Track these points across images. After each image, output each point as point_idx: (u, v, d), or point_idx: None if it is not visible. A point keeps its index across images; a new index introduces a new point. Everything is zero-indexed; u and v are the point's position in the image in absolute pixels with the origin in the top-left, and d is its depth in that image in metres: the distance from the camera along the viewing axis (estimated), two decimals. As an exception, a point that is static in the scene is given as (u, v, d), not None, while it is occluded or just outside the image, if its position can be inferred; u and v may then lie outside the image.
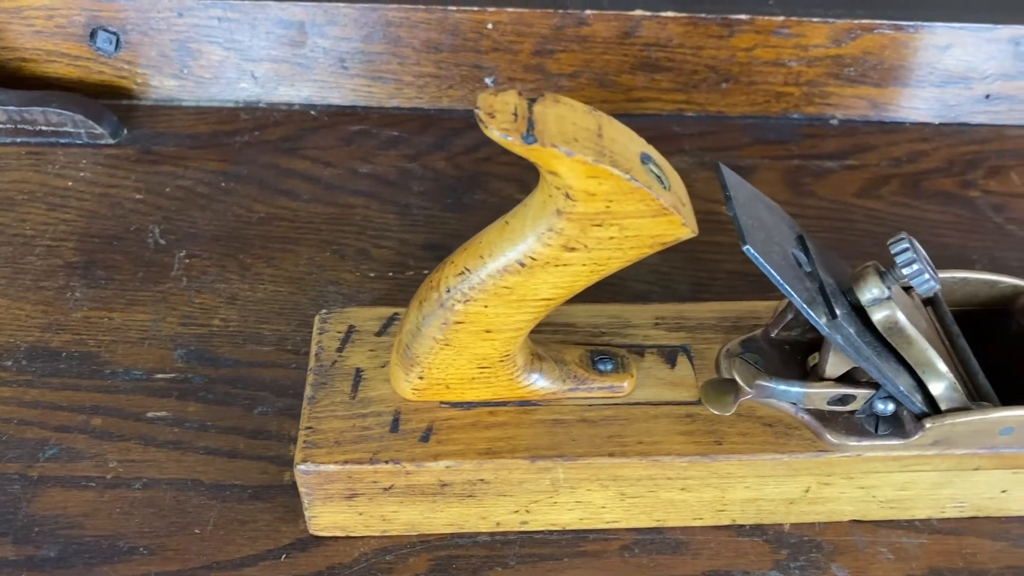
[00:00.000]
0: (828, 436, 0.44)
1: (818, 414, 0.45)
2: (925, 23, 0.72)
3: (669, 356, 0.48)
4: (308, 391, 0.46)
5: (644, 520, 0.48)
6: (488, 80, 0.75)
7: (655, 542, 0.49)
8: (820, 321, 0.39)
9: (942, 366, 0.44)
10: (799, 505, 0.48)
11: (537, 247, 0.37)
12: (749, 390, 0.42)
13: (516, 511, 0.47)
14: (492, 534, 0.48)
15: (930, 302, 0.50)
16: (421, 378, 0.44)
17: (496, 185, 0.70)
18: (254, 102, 0.76)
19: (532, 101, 0.34)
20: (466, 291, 0.39)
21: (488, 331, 0.41)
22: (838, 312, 0.41)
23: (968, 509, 0.49)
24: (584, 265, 0.38)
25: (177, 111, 0.75)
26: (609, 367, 0.46)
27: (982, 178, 0.73)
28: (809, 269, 0.43)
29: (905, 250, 0.41)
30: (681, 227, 0.36)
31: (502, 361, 0.43)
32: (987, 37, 0.73)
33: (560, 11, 0.71)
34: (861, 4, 0.74)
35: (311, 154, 0.72)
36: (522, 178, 0.70)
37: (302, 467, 0.43)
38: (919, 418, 0.44)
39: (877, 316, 0.42)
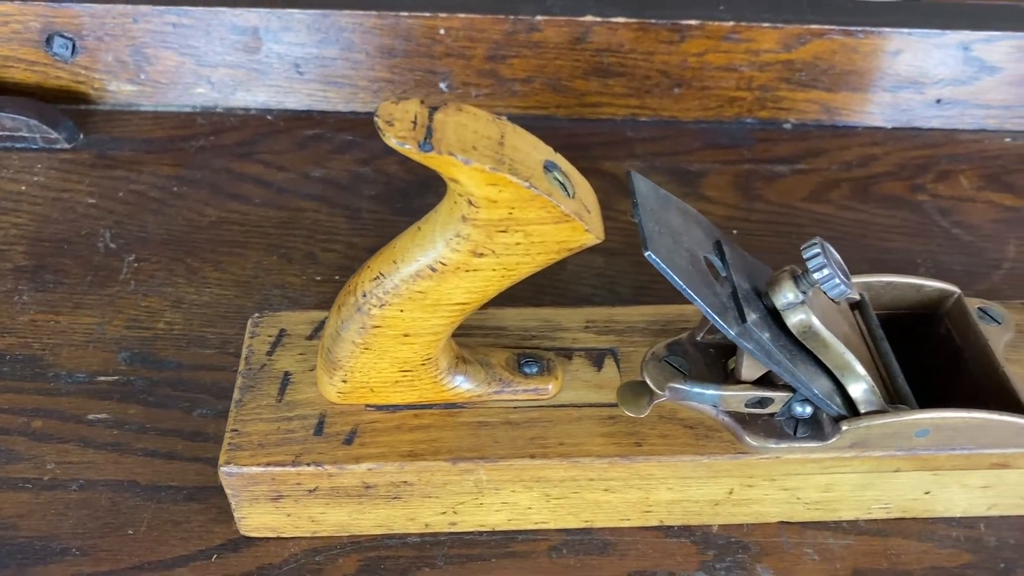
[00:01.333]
0: (747, 438, 0.45)
1: (738, 416, 0.46)
2: (875, 28, 0.73)
3: (596, 359, 0.49)
4: (236, 394, 0.46)
5: (572, 521, 0.49)
6: (443, 85, 0.75)
7: (583, 543, 0.49)
8: (726, 326, 0.40)
9: (860, 369, 0.45)
10: (725, 506, 0.48)
11: (446, 252, 0.38)
12: (661, 393, 0.43)
13: (444, 512, 0.47)
14: (422, 535, 0.49)
15: (857, 306, 0.51)
16: (344, 382, 0.44)
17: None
18: (211, 107, 0.76)
19: (434, 109, 0.35)
20: (381, 296, 0.40)
21: (407, 335, 0.42)
22: (749, 317, 0.41)
23: (894, 510, 0.50)
24: (494, 270, 0.38)
25: (135, 116, 0.76)
26: (535, 370, 0.47)
27: (931, 182, 0.74)
28: (724, 274, 0.43)
29: (816, 255, 0.41)
30: (584, 233, 0.37)
31: (424, 364, 0.43)
32: (936, 43, 0.74)
33: (512, 17, 0.72)
34: (811, 9, 0.74)
35: (265, 158, 0.72)
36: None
37: (225, 469, 0.44)
38: (836, 421, 0.45)
39: (791, 320, 0.43)
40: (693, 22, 0.72)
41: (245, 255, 0.64)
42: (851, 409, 0.45)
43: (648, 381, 0.42)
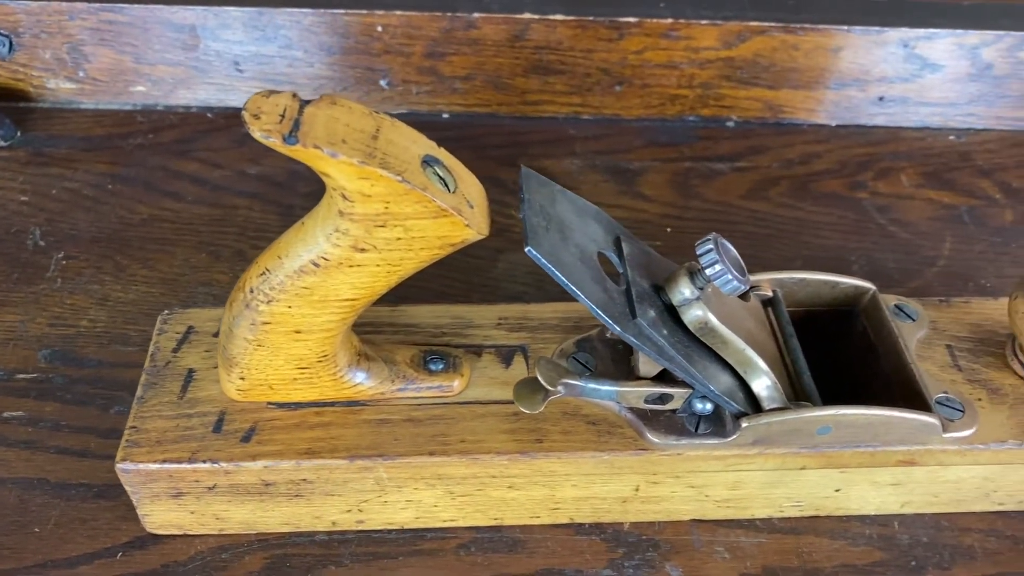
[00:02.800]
0: (648, 435, 0.45)
1: (641, 413, 0.45)
2: (814, 25, 0.73)
3: (506, 356, 0.49)
4: (139, 391, 0.46)
5: (481, 519, 0.49)
6: (383, 82, 0.75)
7: (493, 540, 0.49)
8: (612, 321, 0.39)
9: (762, 365, 0.44)
10: (634, 504, 0.48)
11: (328, 248, 0.38)
12: (552, 389, 0.42)
13: (349, 510, 0.47)
14: (330, 533, 0.49)
15: (770, 303, 0.50)
16: (243, 379, 0.44)
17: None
18: (152, 105, 0.76)
19: (306, 103, 0.35)
20: (267, 292, 0.40)
21: (298, 331, 0.41)
22: (641, 313, 0.41)
23: (807, 508, 0.50)
24: (378, 266, 0.38)
25: (75, 114, 0.75)
26: (440, 367, 0.47)
27: (872, 180, 0.74)
28: (621, 271, 0.43)
29: (708, 251, 0.41)
30: (465, 229, 0.37)
31: (321, 361, 0.43)
32: (876, 40, 0.74)
33: (449, 14, 0.72)
34: (751, 6, 0.74)
35: (202, 156, 0.72)
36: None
37: (121, 466, 0.43)
38: (737, 418, 0.44)
39: (687, 316, 0.43)
40: (631, 19, 0.72)
41: (174, 252, 0.64)
42: (756, 406, 0.45)
43: (540, 378, 0.42)
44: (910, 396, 0.47)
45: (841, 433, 0.45)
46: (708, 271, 0.41)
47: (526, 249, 0.37)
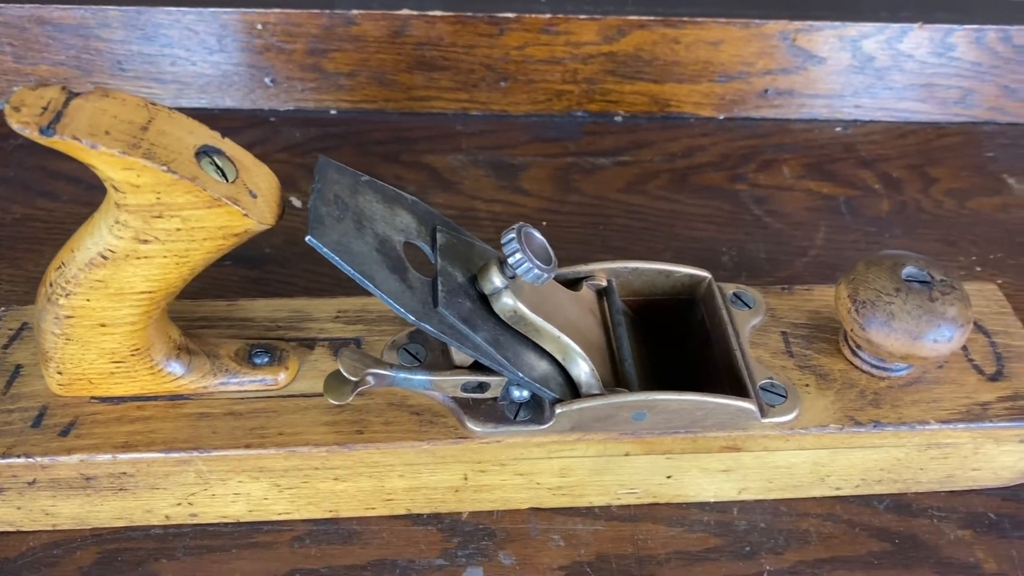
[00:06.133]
0: (468, 423, 0.45)
1: (463, 402, 0.46)
2: (693, 19, 0.73)
3: (339, 349, 0.49)
4: (-36, 388, 0.46)
5: (315, 511, 0.49)
6: (267, 80, 0.75)
7: (328, 532, 0.49)
8: (405, 311, 0.40)
9: (578, 352, 0.45)
10: (467, 493, 0.49)
11: (111, 240, 0.38)
12: (354, 379, 0.42)
13: (179, 503, 0.47)
14: (165, 527, 0.49)
15: (604, 292, 0.51)
16: (60, 373, 0.44)
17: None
18: (38, 105, 0.76)
19: (74, 95, 0.35)
20: (64, 285, 0.40)
21: (103, 325, 0.41)
22: (445, 303, 0.41)
23: (644, 496, 0.50)
24: (165, 257, 0.38)
25: (-41, 115, 0.75)
26: (265, 360, 0.47)
27: (753, 172, 0.74)
28: (433, 261, 0.43)
29: (510, 240, 0.41)
30: (243, 218, 0.37)
31: (135, 355, 0.43)
32: (757, 32, 0.74)
33: (328, 11, 0.72)
34: (631, 0, 0.75)
35: (83, 156, 0.72)
36: (293, 176, 0.71)
37: (-66, 462, 0.43)
38: (553, 404, 0.45)
39: (497, 305, 0.43)
40: (510, 15, 0.72)
41: (43, 252, 0.64)
42: (578, 393, 0.46)
43: (341, 369, 0.42)
44: (736, 382, 0.47)
45: (657, 419, 0.45)
46: (510, 260, 0.41)
47: (307, 239, 0.37)
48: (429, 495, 0.48)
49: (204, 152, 0.37)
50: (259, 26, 0.72)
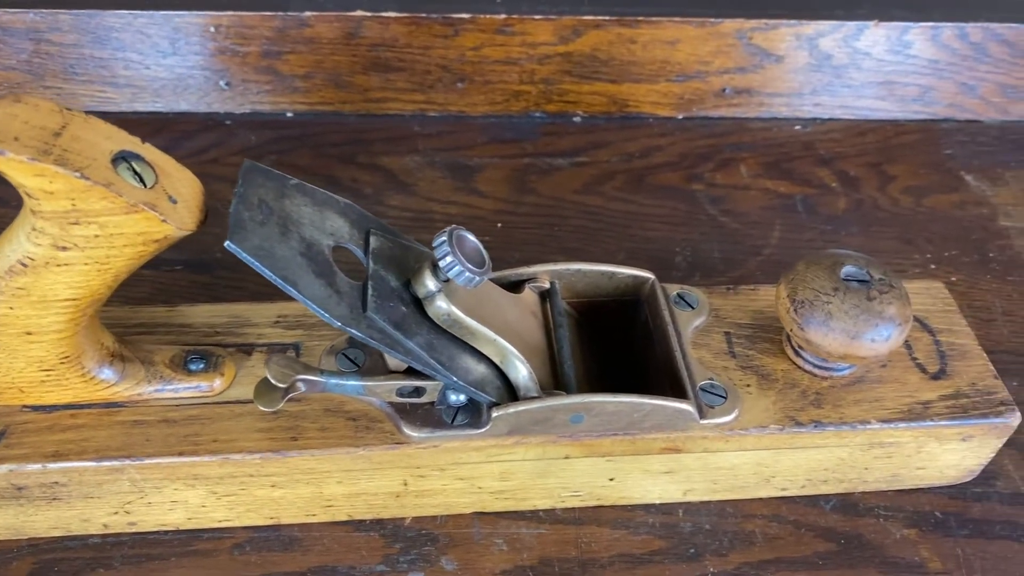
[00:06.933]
0: (404, 428, 0.45)
1: (400, 407, 0.45)
2: (648, 18, 0.73)
3: (269, 355, 0.48)
4: None
5: (256, 518, 0.48)
6: (222, 83, 0.75)
7: (269, 539, 0.49)
8: (330, 316, 0.39)
9: (515, 355, 0.44)
10: (408, 499, 0.48)
11: (30, 247, 0.37)
12: (282, 386, 0.42)
13: (116, 512, 0.47)
14: (104, 536, 0.48)
15: (547, 295, 0.51)
16: (-10, 382, 0.44)
17: (215, 187, 0.69)
18: (-9, 110, 0.75)
19: (-16, 102, 0.34)
20: (-15, 293, 0.39)
21: (29, 333, 0.41)
22: (375, 307, 0.41)
23: (588, 498, 0.50)
24: (86, 264, 0.38)
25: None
26: (200, 367, 0.46)
27: (710, 171, 0.74)
28: (366, 264, 0.43)
29: (440, 243, 0.41)
30: (162, 224, 0.37)
31: (64, 363, 0.43)
32: (713, 31, 0.74)
33: (280, 13, 0.71)
34: (587, 0, 0.74)
35: (34, 161, 0.71)
36: (247, 181, 0.70)
37: None
38: (490, 408, 0.44)
39: (431, 309, 0.43)
40: (464, 16, 0.72)
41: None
42: (517, 396, 0.45)
43: (268, 376, 0.42)
44: (676, 383, 0.47)
45: (595, 421, 0.45)
46: (441, 263, 0.41)
47: (225, 244, 0.37)
48: (370, 501, 0.48)
49: (122, 157, 0.36)
50: (212, 29, 0.72)
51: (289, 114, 0.77)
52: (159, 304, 0.51)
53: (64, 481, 0.44)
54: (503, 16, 0.72)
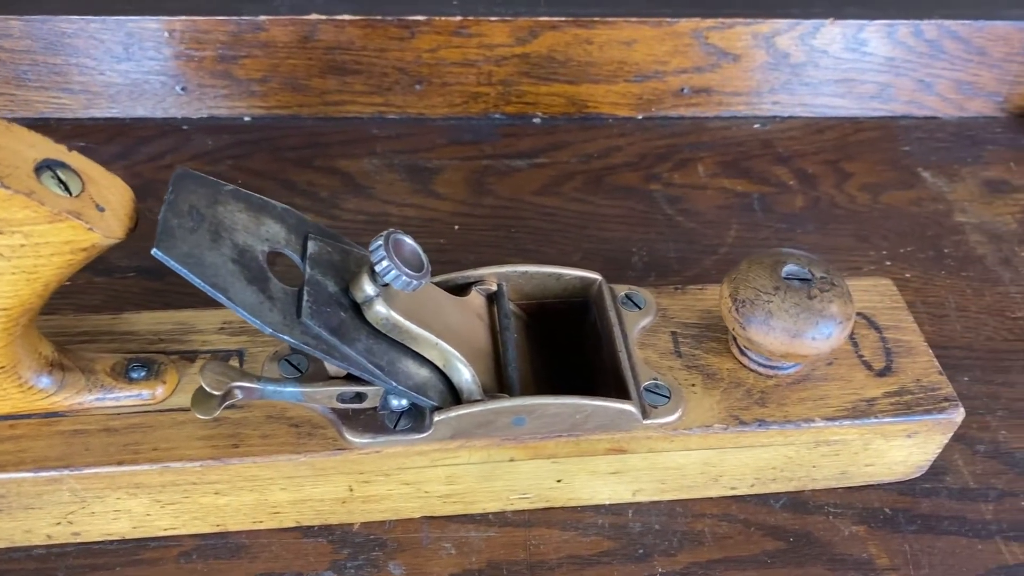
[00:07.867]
0: (346, 434, 0.44)
1: (343, 413, 0.45)
2: (604, 18, 0.73)
3: (205, 364, 0.48)
4: None
5: (202, 526, 0.48)
6: (178, 88, 0.74)
7: (216, 547, 0.48)
8: (261, 323, 0.39)
9: (457, 358, 0.44)
10: (355, 504, 0.48)
11: (-45, 257, 0.37)
12: (217, 394, 0.42)
13: (58, 523, 0.46)
14: (48, 547, 0.48)
15: (494, 297, 0.50)
16: (-74, 393, 0.43)
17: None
18: (-56, 118, 0.75)
19: (-98, 111, 0.34)
20: (-86, 304, 0.39)
21: (-40, 343, 0.41)
22: (311, 313, 0.41)
23: (537, 500, 0.50)
24: (14, 274, 0.37)
25: None
26: (142, 375, 0.46)
27: (668, 171, 0.74)
28: (302, 270, 0.43)
29: (377, 248, 0.41)
30: (88, 232, 0.36)
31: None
32: (669, 31, 0.74)
33: (235, 17, 0.71)
34: (543, 2, 0.74)
35: (-13, 169, 0.71)
36: (203, 186, 0.70)
37: None
38: (432, 412, 0.44)
39: (369, 314, 0.43)
40: (420, 17, 0.72)
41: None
42: (460, 400, 0.45)
43: (202, 383, 0.41)
44: (619, 383, 0.47)
45: (538, 423, 0.45)
46: (377, 268, 0.41)
47: (152, 251, 0.37)
48: (316, 507, 0.48)
49: (46, 166, 0.36)
50: (166, 34, 0.71)
51: (247, 118, 0.76)
52: (111, 312, 0.51)
53: (3, 492, 0.44)
54: (459, 18, 0.72)
